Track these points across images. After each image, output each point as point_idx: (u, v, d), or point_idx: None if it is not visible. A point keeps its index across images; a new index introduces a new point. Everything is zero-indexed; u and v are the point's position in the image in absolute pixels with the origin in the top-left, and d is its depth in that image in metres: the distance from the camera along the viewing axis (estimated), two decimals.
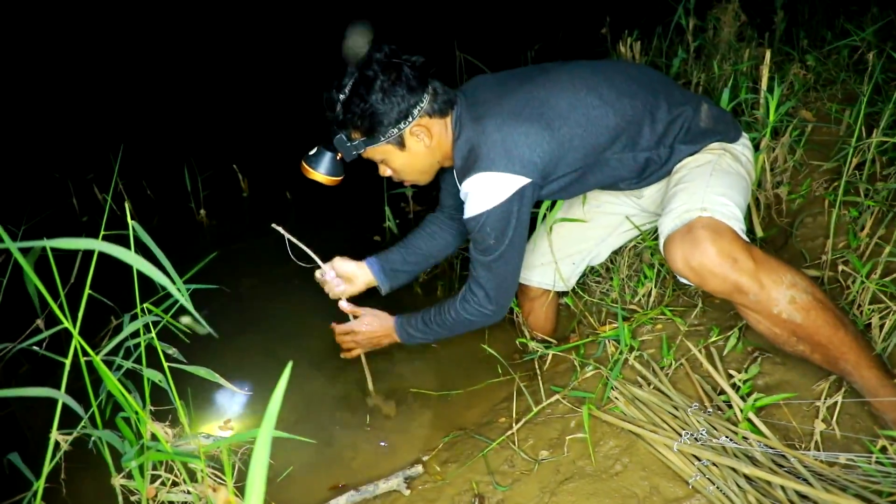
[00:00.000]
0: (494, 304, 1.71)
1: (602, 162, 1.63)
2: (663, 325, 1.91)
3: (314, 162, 1.67)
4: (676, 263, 1.42)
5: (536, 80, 1.63)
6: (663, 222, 1.50)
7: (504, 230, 1.58)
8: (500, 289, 1.70)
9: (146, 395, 1.37)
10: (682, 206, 1.47)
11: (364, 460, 1.76)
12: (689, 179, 1.56)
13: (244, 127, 4.03)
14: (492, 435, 1.73)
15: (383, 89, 1.52)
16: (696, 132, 1.64)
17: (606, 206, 1.94)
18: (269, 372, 2.10)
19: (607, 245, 2.01)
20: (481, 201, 1.56)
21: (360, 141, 1.60)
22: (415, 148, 1.63)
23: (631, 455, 1.51)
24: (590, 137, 1.58)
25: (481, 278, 1.69)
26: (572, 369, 1.89)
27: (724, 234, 1.37)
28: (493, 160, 1.52)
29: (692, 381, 1.65)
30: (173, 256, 1.19)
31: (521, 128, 1.53)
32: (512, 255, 1.64)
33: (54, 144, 3.66)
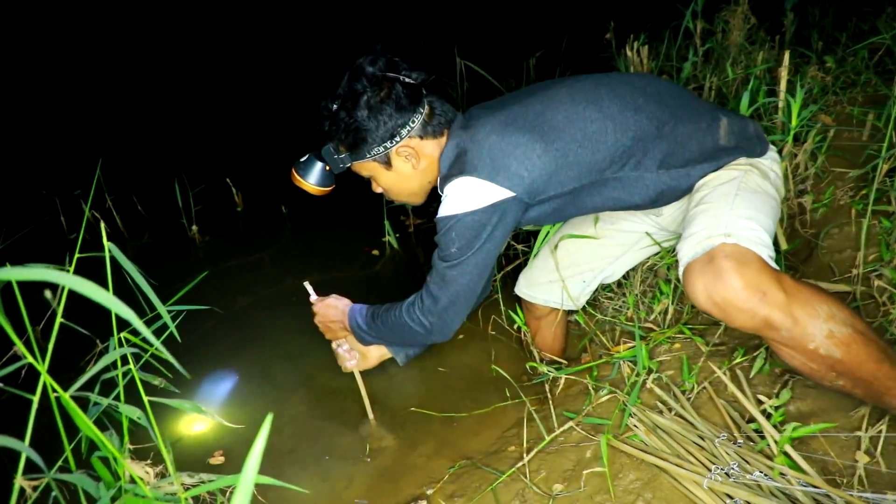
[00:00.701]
0: (437, 317, 1.59)
1: (600, 183, 1.50)
2: (682, 345, 1.79)
3: (303, 170, 1.61)
4: (698, 297, 1.27)
5: (535, 95, 1.53)
6: (682, 248, 1.36)
7: (471, 241, 1.47)
8: (449, 304, 1.57)
9: (124, 433, 1.25)
10: (704, 231, 1.33)
11: (363, 495, 1.64)
12: (712, 200, 1.41)
13: (237, 138, 3.92)
14: (501, 465, 1.61)
15: (369, 106, 1.46)
16: (714, 150, 1.49)
17: (622, 224, 1.81)
18: (264, 396, 1.99)
19: (622, 263, 1.88)
20: (456, 204, 1.45)
21: (346, 155, 1.55)
22: (401, 168, 1.57)
23: (654, 490, 1.39)
24: (586, 154, 1.45)
25: (432, 286, 1.58)
26: (585, 392, 1.77)
27: (751, 264, 1.23)
28: (475, 166, 1.42)
29: (717, 406, 1.53)
30: (165, 275, 1.10)
31: (510, 137, 1.42)
32: (471, 272, 1.52)
33: (40, 159, 3.56)
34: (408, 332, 1.65)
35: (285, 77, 4.80)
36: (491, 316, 2.19)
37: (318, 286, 2.55)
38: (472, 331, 2.21)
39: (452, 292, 1.55)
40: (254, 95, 4.58)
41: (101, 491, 1.20)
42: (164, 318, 1.24)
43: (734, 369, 1.60)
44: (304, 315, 2.01)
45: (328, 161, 1.57)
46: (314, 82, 3.98)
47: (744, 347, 1.63)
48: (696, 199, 1.46)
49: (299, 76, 4.79)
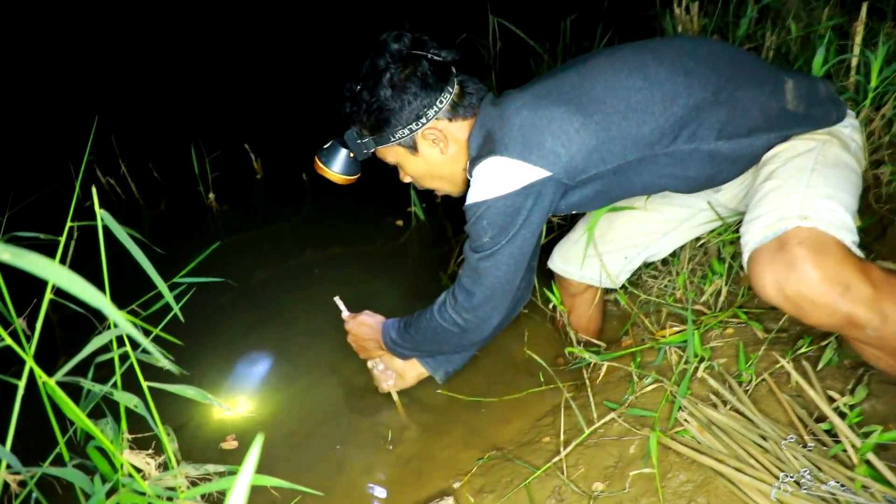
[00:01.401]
0: (472, 314, 1.43)
1: (649, 159, 1.31)
2: (735, 331, 1.62)
3: (326, 158, 1.49)
4: (766, 290, 1.10)
5: (571, 68, 1.35)
6: (748, 231, 1.18)
7: (505, 229, 1.31)
8: (485, 298, 1.41)
9: (122, 422, 1.13)
10: (774, 212, 1.15)
11: (386, 485, 1.52)
12: (784, 175, 1.22)
13: (256, 102, 3.77)
14: (535, 459, 1.47)
15: (393, 84, 1.33)
16: (780, 116, 1.29)
17: (675, 197, 1.62)
18: (281, 376, 1.87)
19: (670, 240, 1.69)
20: (485, 188, 1.29)
21: (370, 139, 1.42)
22: (429, 154, 1.43)
23: (708, 495, 1.24)
24: (631, 126, 1.27)
25: (465, 280, 1.42)
26: (627, 380, 1.62)
27: (831, 252, 1.06)
28: (505, 145, 1.26)
29: (780, 402, 1.37)
30: (182, 245, 1.00)
31: (544, 111, 1.26)
32: (506, 262, 1.36)
33: (53, 124, 3.45)
34: (442, 336, 1.49)
35: (308, 37, 4.62)
36: None
37: (340, 259, 2.43)
38: None
39: (488, 285, 1.39)
40: (274, 56, 4.41)
41: (96, 485, 1.09)
42: (166, 297, 1.12)
43: (799, 360, 1.44)
44: (325, 291, 1.89)
45: (351, 147, 1.45)
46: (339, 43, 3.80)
47: (810, 336, 1.46)
48: (765, 174, 1.28)
49: (324, 36, 4.61)
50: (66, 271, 0.54)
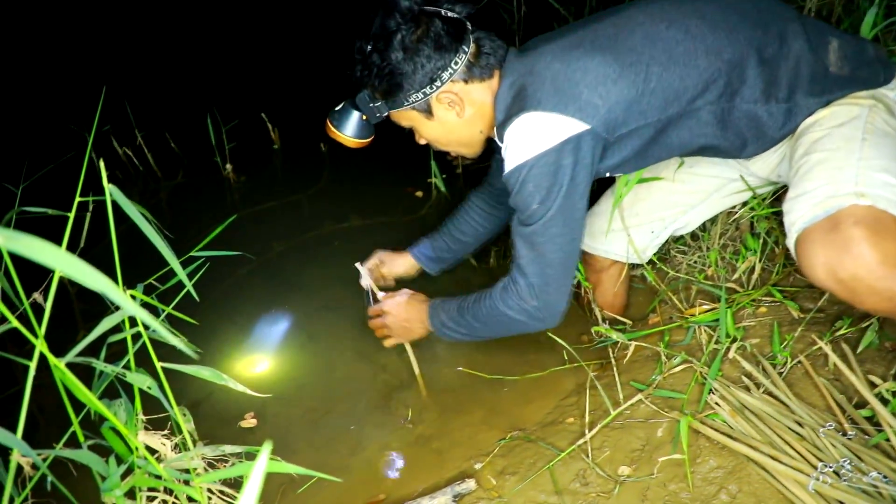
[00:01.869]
0: (538, 299, 1.35)
1: (690, 115, 1.24)
2: (769, 310, 1.56)
3: (338, 121, 1.42)
4: (817, 272, 1.04)
5: (604, 20, 1.27)
6: (795, 208, 1.10)
7: (550, 189, 1.22)
8: (546, 277, 1.33)
9: (136, 403, 1.11)
10: (825, 188, 1.07)
11: (406, 465, 1.49)
12: (831, 146, 1.14)
13: (273, 70, 3.70)
14: (558, 440, 1.44)
15: (404, 46, 1.24)
16: (823, 78, 1.21)
17: (703, 167, 1.54)
18: (301, 351, 1.85)
19: (698, 213, 1.62)
20: (522, 149, 1.22)
21: (382, 103, 1.35)
22: (445, 118, 1.35)
23: (739, 482, 1.20)
24: (673, 78, 1.20)
25: (522, 260, 1.34)
26: (654, 360, 1.57)
27: (890, 232, 0.99)
28: (539, 99, 1.19)
29: (817, 386, 1.31)
30: (200, 216, 0.96)
31: (578, 62, 1.19)
32: (560, 232, 1.28)
33: (69, 94, 3.41)
34: (507, 323, 1.42)
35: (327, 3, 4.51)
36: None
37: (358, 231, 2.38)
38: None
39: (546, 261, 1.31)
40: (292, 23, 4.32)
41: (111, 467, 1.07)
42: (179, 275, 1.08)
43: (837, 342, 1.37)
44: (345, 263, 1.85)
45: (363, 110, 1.38)
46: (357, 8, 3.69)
47: (849, 316, 1.39)
48: (806, 143, 1.20)
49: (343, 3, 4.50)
50: (63, 254, 0.49)
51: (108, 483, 1.03)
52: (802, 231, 1.07)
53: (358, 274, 1.69)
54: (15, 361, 1.67)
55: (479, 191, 1.79)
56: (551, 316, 1.38)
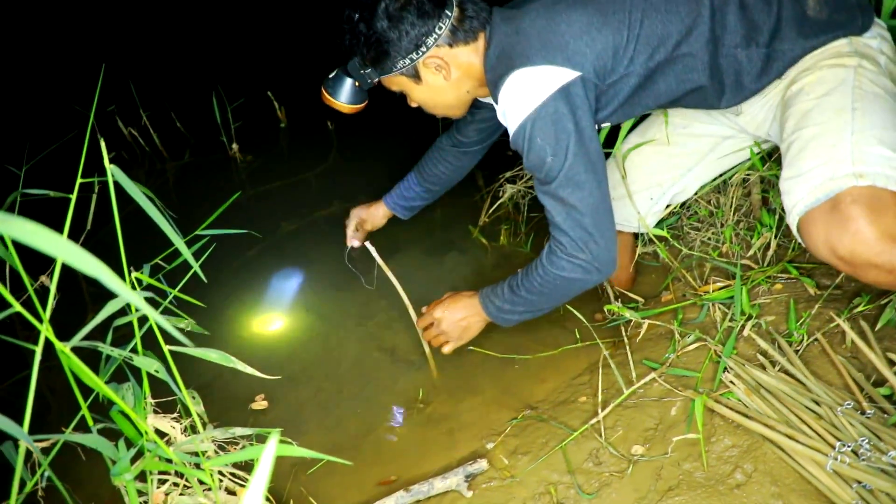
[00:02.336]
0: (586, 251, 1.31)
1: (676, 60, 1.26)
2: (784, 287, 1.53)
3: (332, 88, 1.47)
4: (818, 249, 1.06)
5: None
6: (794, 190, 1.10)
7: (559, 138, 1.23)
8: (586, 228, 1.30)
9: (144, 386, 1.10)
10: (823, 169, 1.07)
11: (417, 446, 1.48)
12: (821, 120, 1.13)
13: (279, 47, 3.65)
14: (570, 419, 1.42)
15: (388, 15, 1.28)
16: (800, 22, 1.23)
17: (695, 127, 1.55)
18: (311, 332, 1.84)
19: (695, 176, 1.60)
20: (519, 107, 1.23)
21: (372, 70, 1.38)
22: (432, 81, 1.38)
23: (755, 461, 1.18)
24: (655, 24, 1.23)
25: (557, 218, 1.32)
26: (668, 338, 1.55)
27: (889, 207, 0.99)
28: (526, 56, 1.22)
29: (834, 364, 1.28)
30: (207, 196, 0.95)
31: (561, 16, 1.23)
32: (583, 175, 1.26)
33: (73, 73, 3.38)
34: (565, 286, 1.38)
35: None
36: None
37: None
38: None
39: (580, 211, 1.29)
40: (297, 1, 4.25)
41: (120, 451, 1.06)
42: (184, 255, 1.06)
43: (855, 319, 1.34)
44: None
45: (355, 76, 1.42)
46: None
47: (868, 293, 1.36)
48: (796, 115, 1.19)
49: None
50: (59, 239, 0.48)
51: (117, 467, 1.02)
52: (804, 215, 1.08)
53: (368, 253, 1.67)
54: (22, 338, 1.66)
55: (446, 142, 1.82)
56: (605, 264, 1.34)
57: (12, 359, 1.80)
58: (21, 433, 0.80)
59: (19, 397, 1.75)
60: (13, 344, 1.10)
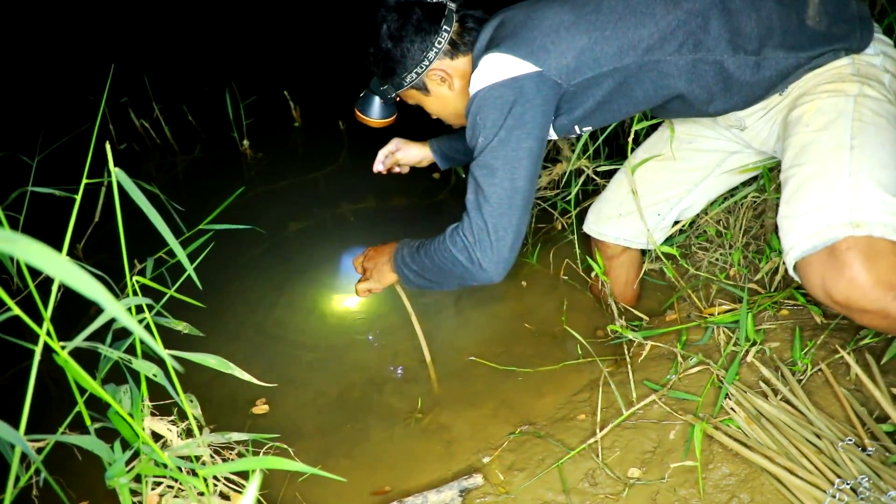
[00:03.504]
0: (476, 240, 1.28)
1: (649, 66, 1.24)
2: (790, 313, 1.52)
3: (362, 107, 1.58)
4: (814, 291, 1.08)
5: None
6: (792, 234, 1.11)
7: (494, 123, 1.24)
8: (487, 219, 1.27)
9: (142, 389, 1.10)
10: (820, 214, 1.07)
11: (413, 456, 1.47)
12: (820, 158, 1.13)
13: (296, 46, 3.65)
14: (568, 437, 1.42)
15: (391, 35, 1.37)
16: (798, 33, 1.20)
17: (700, 142, 1.54)
18: (312, 335, 1.84)
19: (703, 191, 1.59)
20: (475, 83, 1.29)
21: (388, 86, 1.47)
22: (439, 93, 1.46)
23: (752, 492, 1.17)
24: (629, 27, 1.22)
25: (469, 199, 1.31)
26: (669, 358, 1.53)
27: (884, 256, 1.01)
28: (497, 42, 1.27)
29: (837, 396, 1.27)
30: (215, 192, 0.95)
31: (537, 12, 1.28)
32: (500, 164, 1.25)
33: (87, 65, 3.39)
34: (451, 264, 1.33)
35: None
36: (564, 260, 1.94)
37: (375, 213, 2.36)
38: (540, 275, 1.98)
39: (488, 202, 1.27)
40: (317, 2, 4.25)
41: (116, 453, 1.06)
42: (179, 256, 1.06)
43: (861, 351, 1.33)
44: (360, 245, 1.83)
45: (377, 93, 1.53)
46: None
47: None
48: (795, 146, 1.19)
49: None
50: (58, 259, 0.48)
51: (112, 470, 1.03)
52: (800, 261, 1.10)
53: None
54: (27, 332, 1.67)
55: None
56: (491, 263, 1.30)
57: (16, 347, 1.81)
58: (17, 437, 0.80)
59: (22, 386, 1.76)
60: (16, 332, 1.10)
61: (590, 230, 1.70)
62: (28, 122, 2.74)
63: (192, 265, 1.06)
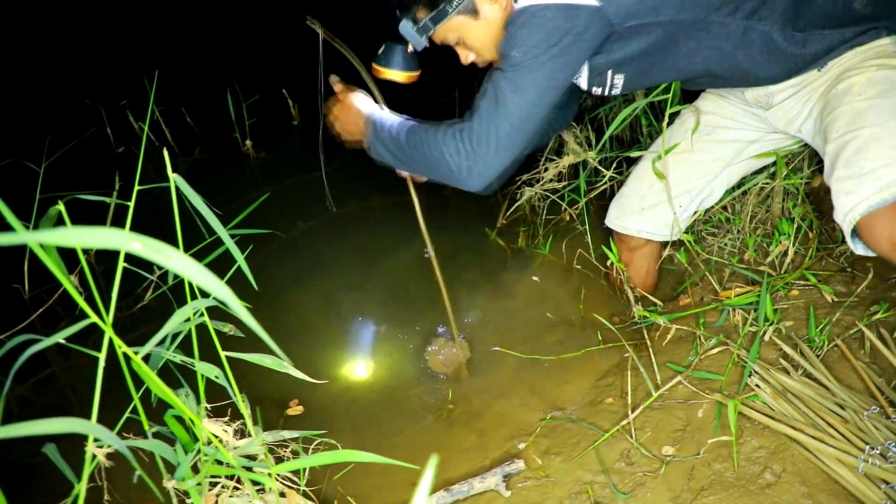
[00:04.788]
0: (475, 148, 1.29)
1: (702, 25, 1.26)
2: (801, 294, 1.59)
3: (385, 60, 1.43)
4: (879, 243, 1.12)
5: None
6: (857, 189, 1.15)
7: (537, 43, 1.22)
8: (493, 129, 1.28)
9: (201, 393, 1.13)
10: (887, 171, 1.13)
11: (448, 447, 1.52)
12: (879, 121, 1.18)
13: (294, 45, 3.63)
14: (599, 420, 1.47)
15: None
16: (843, 14, 1.25)
17: (720, 133, 1.58)
18: (333, 332, 1.86)
19: (721, 181, 1.64)
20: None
21: (428, 20, 1.32)
22: (490, 14, 1.32)
23: (783, 462, 1.24)
24: None
25: (482, 103, 1.30)
26: (688, 341, 1.60)
27: None
28: None
29: (855, 369, 1.34)
30: (219, 193, 0.97)
31: None
32: (528, 90, 1.25)
33: (84, 68, 3.35)
34: (437, 160, 1.33)
35: None
36: (577, 251, 1.99)
37: (380, 208, 2.38)
38: (553, 265, 2.03)
39: (501, 114, 1.27)
40: None
41: (178, 455, 1.09)
42: (237, 261, 1.09)
43: (874, 326, 1.41)
44: (367, 243, 1.85)
45: (408, 38, 1.37)
46: None
47: (886, 302, 1.42)
48: (849, 114, 1.23)
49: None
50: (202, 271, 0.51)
51: (179, 472, 1.05)
52: (869, 213, 1.13)
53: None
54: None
55: None
56: (478, 173, 1.31)
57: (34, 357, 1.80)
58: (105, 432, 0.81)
59: (41, 396, 1.76)
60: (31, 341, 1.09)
61: (613, 224, 1.74)
62: (25, 126, 2.71)
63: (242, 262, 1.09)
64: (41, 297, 1.90)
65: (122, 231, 0.46)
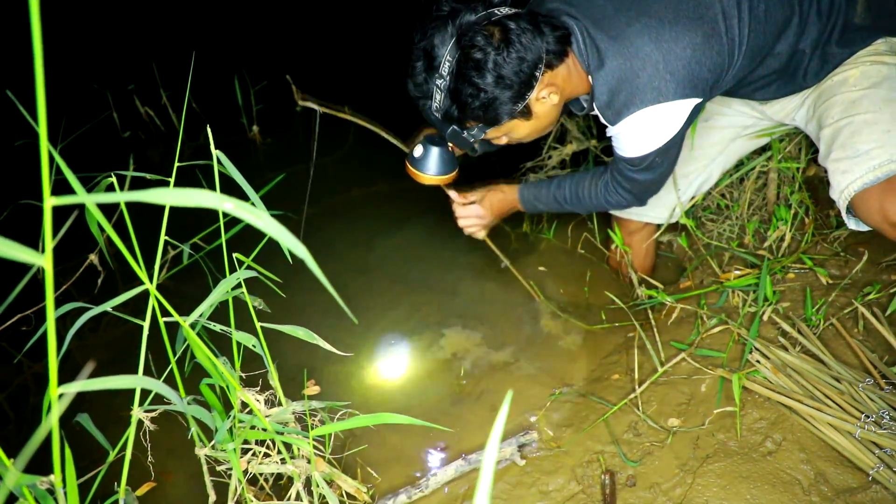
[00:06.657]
0: (639, 201, 1.58)
1: (764, 61, 1.38)
2: (796, 276, 1.67)
3: (422, 164, 1.45)
4: (871, 217, 1.22)
5: None
6: (851, 168, 1.25)
7: (668, 152, 1.39)
8: (648, 192, 1.55)
9: (236, 361, 1.18)
10: (880, 152, 1.22)
11: (462, 421, 1.58)
12: (873, 108, 1.27)
13: (301, 32, 3.66)
14: (607, 395, 1.54)
15: (498, 67, 1.19)
16: (854, 30, 1.34)
17: (717, 119, 1.67)
18: (343, 314, 1.90)
19: (718, 165, 1.73)
20: (650, 139, 1.33)
21: (478, 128, 1.34)
22: (541, 111, 1.33)
23: (783, 432, 1.32)
24: (759, 38, 1.31)
25: (626, 183, 1.51)
26: (689, 321, 1.67)
27: None
28: (659, 90, 1.25)
29: (850, 346, 1.43)
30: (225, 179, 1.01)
31: (683, 40, 1.23)
32: (668, 166, 1.46)
33: (90, 51, 3.34)
34: (600, 209, 1.64)
35: None
36: (581, 235, 2.06)
37: (385, 196, 2.43)
38: (557, 249, 2.09)
39: (649, 183, 1.50)
40: None
41: (216, 421, 1.14)
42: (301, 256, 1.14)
43: (867, 305, 1.49)
44: (373, 228, 1.89)
45: (455, 143, 1.36)
46: None
47: (878, 283, 1.51)
48: (843, 103, 1.33)
49: None
50: (286, 233, 0.56)
51: (219, 436, 1.10)
52: (863, 190, 1.22)
53: None
54: None
55: None
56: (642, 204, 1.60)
57: None
58: (168, 390, 0.86)
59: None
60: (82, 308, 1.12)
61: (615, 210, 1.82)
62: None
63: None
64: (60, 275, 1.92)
65: (215, 193, 0.51)
